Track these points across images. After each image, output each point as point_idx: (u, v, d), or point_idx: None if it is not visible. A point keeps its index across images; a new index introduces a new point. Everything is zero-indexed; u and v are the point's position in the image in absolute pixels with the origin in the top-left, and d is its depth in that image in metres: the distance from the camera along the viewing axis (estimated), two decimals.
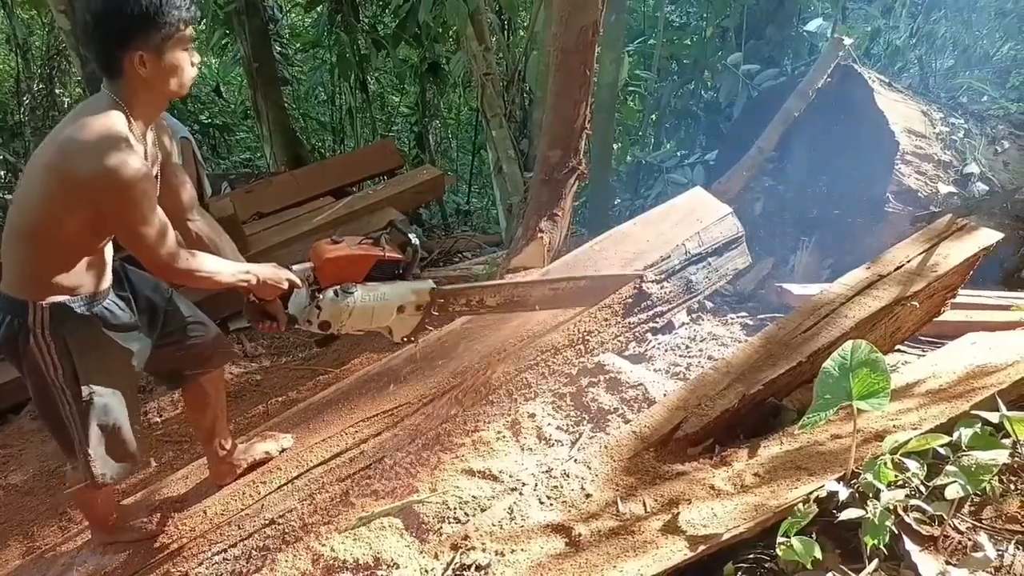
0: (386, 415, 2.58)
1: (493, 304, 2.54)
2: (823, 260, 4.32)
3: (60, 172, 1.75)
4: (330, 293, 2.14)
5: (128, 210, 1.76)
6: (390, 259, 2.24)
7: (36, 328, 1.86)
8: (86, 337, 1.93)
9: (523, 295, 2.59)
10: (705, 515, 1.75)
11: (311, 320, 2.15)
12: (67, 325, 1.88)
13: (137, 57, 1.74)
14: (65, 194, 1.76)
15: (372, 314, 2.23)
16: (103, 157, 1.70)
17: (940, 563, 1.57)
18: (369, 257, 2.21)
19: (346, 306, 2.16)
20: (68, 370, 1.91)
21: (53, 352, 1.89)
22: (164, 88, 1.83)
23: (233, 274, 1.99)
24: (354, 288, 2.17)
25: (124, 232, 1.84)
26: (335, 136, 9.20)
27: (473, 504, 2.18)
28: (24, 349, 1.88)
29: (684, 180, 5.62)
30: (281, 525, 2.28)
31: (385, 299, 2.24)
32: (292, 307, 2.15)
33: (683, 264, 3.06)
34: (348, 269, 2.18)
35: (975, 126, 4.73)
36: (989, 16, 7.43)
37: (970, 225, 2.55)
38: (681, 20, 7.52)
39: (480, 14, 5.43)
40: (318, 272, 2.17)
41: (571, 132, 3.62)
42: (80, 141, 1.72)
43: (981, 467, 1.63)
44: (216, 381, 2.37)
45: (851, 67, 4.58)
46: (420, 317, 2.36)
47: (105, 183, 1.71)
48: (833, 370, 1.72)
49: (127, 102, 1.79)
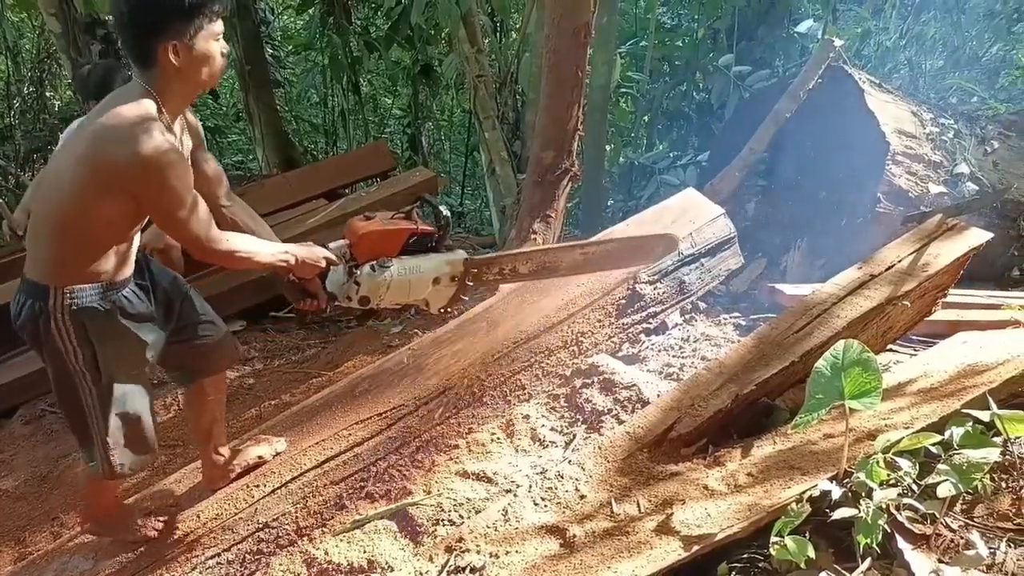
0: (380, 417, 2.58)
1: (525, 271, 2.55)
2: (815, 260, 4.34)
3: (94, 162, 1.76)
4: (367, 268, 2.18)
5: (165, 194, 1.77)
6: (423, 232, 2.28)
7: (56, 312, 1.86)
8: (104, 325, 1.93)
9: (554, 261, 2.59)
10: (699, 515, 1.75)
11: (350, 296, 2.19)
12: (86, 311, 1.89)
13: (171, 47, 1.76)
14: (99, 184, 1.77)
15: (409, 287, 2.27)
16: (138, 144, 1.71)
17: (932, 561, 1.58)
18: (403, 231, 2.24)
19: (383, 280, 2.19)
20: (88, 355, 1.91)
21: (73, 337, 1.89)
22: (196, 78, 1.85)
23: (272, 254, 2.01)
24: (390, 262, 2.21)
25: (162, 217, 1.86)
26: (328, 138, 9.20)
27: (468, 506, 2.18)
28: (45, 334, 1.89)
29: (677, 181, 5.64)
30: (275, 529, 2.27)
31: (421, 271, 2.28)
32: (330, 285, 2.18)
33: (676, 265, 3.07)
34: (383, 244, 2.22)
35: (965, 126, 4.76)
36: (978, 17, 7.48)
37: (960, 225, 2.56)
38: (673, 22, 7.56)
39: (472, 16, 5.43)
40: (354, 248, 2.20)
41: (564, 134, 3.63)
42: (113, 129, 1.74)
43: (972, 465, 1.64)
44: (218, 383, 2.37)
45: (841, 68, 4.61)
46: (455, 288, 2.39)
47: (141, 169, 1.73)
48: (825, 370, 1.73)
49: (159, 92, 1.81)
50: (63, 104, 8.55)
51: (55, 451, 3.24)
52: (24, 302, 1.89)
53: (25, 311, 1.89)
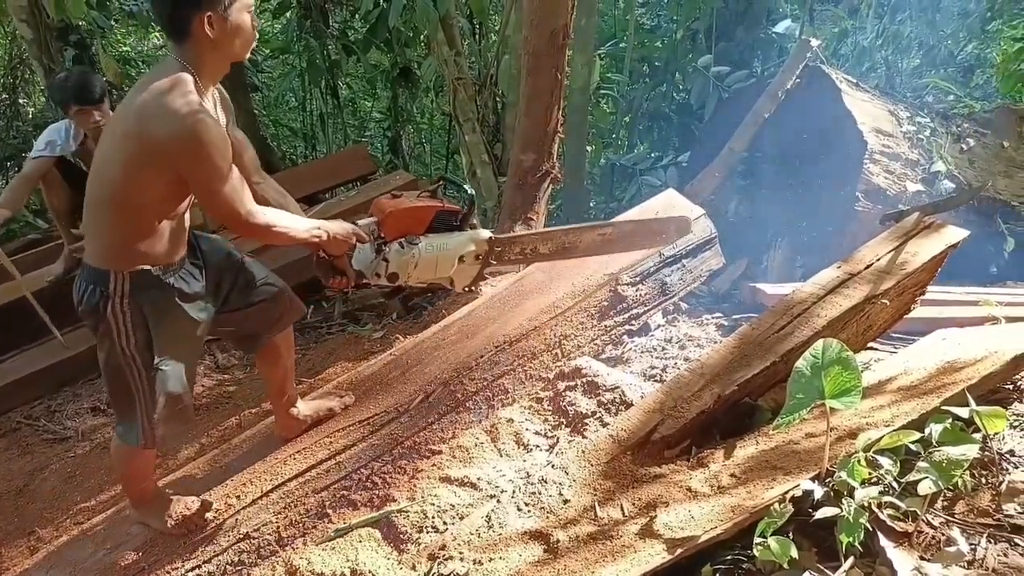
0: (362, 424, 2.55)
1: (546, 251, 2.60)
2: (796, 259, 4.36)
3: (139, 137, 1.79)
4: (396, 246, 2.21)
5: (206, 168, 1.80)
6: (449, 210, 2.31)
7: (115, 296, 1.91)
8: (162, 307, 1.98)
9: (574, 241, 2.64)
10: (682, 517, 1.75)
11: (379, 273, 2.22)
12: (146, 294, 1.94)
13: (206, 18, 1.80)
14: (144, 159, 1.81)
15: (436, 264, 2.31)
16: (179, 117, 1.75)
17: (914, 559, 1.59)
18: (430, 208, 2.28)
19: (412, 257, 2.23)
20: (141, 339, 1.96)
21: (128, 321, 1.94)
22: (229, 49, 1.89)
23: (307, 229, 2.03)
24: (418, 240, 2.25)
25: (202, 190, 1.87)
26: (307, 142, 9.13)
27: (451, 512, 2.17)
28: (102, 318, 1.93)
29: (658, 182, 5.65)
30: (256, 539, 2.24)
31: (447, 249, 2.32)
32: (356, 263, 2.20)
33: (657, 266, 3.08)
34: (411, 221, 2.26)
35: (941, 125, 4.81)
36: (952, 16, 7.57)
37: (937, 223, 2.58)
38: (652, 23, 7.57)
39: (450, 19, 5.42)
40: (382, 226, 2.23)
41: (543, 136, 3.63)
42: (155, 104, 1.77)
43: (952, 462, 1.65)
44: (288, 338, 2.44)
45: (819, 68, 4.64)
46: (479, 267, 2.43)
47: (183, 143, 1.76)
48: (805, 369, 1.73)
49: (194, 64, 1.84)
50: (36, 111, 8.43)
51: (31, 464, 3.18)
52: (86, 288, 1.94)
53: (87, 297, 1.93)
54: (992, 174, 4.72)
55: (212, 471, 2.53)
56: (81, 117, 3.53)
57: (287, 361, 2.46)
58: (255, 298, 2.26)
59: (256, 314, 2.29)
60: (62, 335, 3.70)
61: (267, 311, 2.30)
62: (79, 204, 3.73)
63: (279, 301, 2.33)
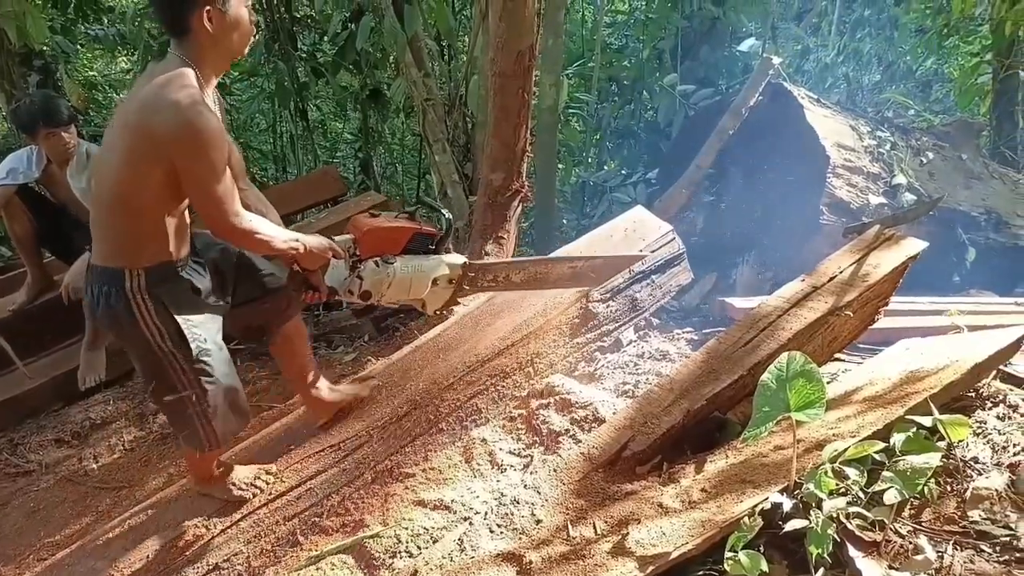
0: (333, 449, 2.53)
1: (517, 280, 2.64)
2: (764, 273, 4.42)
3: (138, 129, 1.81)
4: (371, 264, 2.23)
5: (202, 164, 1.80)
6: (426, 232, 2.34)
7: (134, 293, 1.90)
8: (182, 298, 1.98)
9: (545, 272, 2.70)
10: (654, 534, 1.75)
11: (352, 290, 2.23)
12: (163, 287, 1.94)
13: (205, 13, 1.83)
14: (145, 153, 1.82)
15: (410, 285, 2.32)
16: (182, 112, 1.76)
17: (883, 568, 1.60)
18: (407, 229, 2.31)
19: (387, 276, 2.25)
20: (173, 331, 1.95)
21: (154, 315, 1.93)
22: (229, 43, 1.92)
23: (286, 240, 2.03)
24: (393, 260, 2.26)
25: (195, 186, 1.86)
26: (277, 164, 9.08)
27: (425, 536, 2.15)
28: (128, 320, 1.92)
29: (628, 199, 5.72)
30: (226, 570, 2.20)
31: (421, 271, 2.33)
32: (330, 280, 2.21)
33: (627, 282, 3.09)
34: (388, 241, 2.28)
35: (901, 139, 4.93)
36: (910, 33, 7.77)
37: (898, 235, 2.63)
38: (619, 43, 7.69)
39: (418, 40, 5.44)
40: (359, 243, 2.24)
41: (512, 155, 3.64)
42: (155, 97, 1.78)
43: (916, 471, 1.67)
44: (298, 326, 2.45)
45: (781, 85, 4.74)
46: (452, 291, 2.45)
47: (183, 137, 1.77)
48: (771, 383, 1.75)
49: (195, 60, 1.87)
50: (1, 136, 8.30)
51: None
52: (100, 291, 1.92)
53: (102, 300, 1.92)
54: (951, 185, 4.84)
55: (179, 498, 2.48)
56: (51, 141, 3.47)
57: (302, 349, 2.49)
58: (260, 291, 2.27)
59: (263, 306, 2.30)
60: (25, 365, 3.62)
61: (274, 302, 2.31)
62: (44, 232, 3.72)
63: (283, 292, 2.33)
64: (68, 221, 3.69)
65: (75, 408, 3.53)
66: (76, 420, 3.45)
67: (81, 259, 3.31)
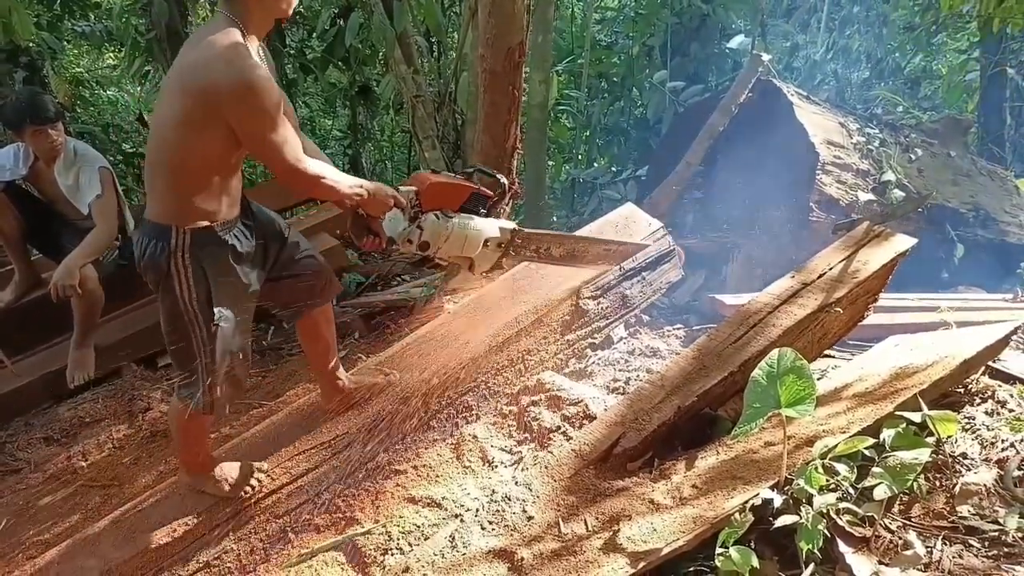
0: (324, 447, 2.52)
1: (556, 255, 2.72)
2: (754, 269, 4.44)
3: (194, 90, 1.84)
4: (432, 216, 2.27)
5: (259, 117, 1.84)
6: (483, 194, 2.40)
7: (177, 252, 1.97)
8: (221, 265, 2.03)
9: (583, 250, 2.80)
10: (645, 530, 1.75)
11: (411, 240, 2.28)
12: (205, 250, 1.99)
13: None
14: (199, 112, 1.85)
15: (465, 241, 2.37)
16: (234, 68, 1.80)
17: (873, 563, 1.61)
18: (468, 188, 2.37)
19: (446, 229, 2.29)
20: (203, 295, 2.01)
21: (190, 276, 1.99)
22: (275, 5, 1.96)
23: (351, 185, 2.07)
24: (452, 215, 2.32)
25: (255, 140, 1.89)
26: None
27: (416, 533, 2.15)
28: (165, 273, 1.98)
29: (618, 196, 5.72)
30: (216, 568, 2.19)
31: (477, 230, 2.39)
32: (387, 229, 2.25)
33: (618, 279, 3.10)
34: (448, 196, 2.33)
35: (890, 135, 4.95)
36: (899, 30, 7.80)
37: (887, 232, 2.64)
38: (608, 39, 7.69)
39: (408, 37, 5.43)
40: (421, 196, 2.27)
41: (502, 152, 3.63)
42: (209, 57, 1.82)
43: (905, 467, 1.68)
44: (327, 312, 2.50)
45: (771, 82, 4.75)
46: (500, 255, 2.50)
47: (239, 92, 1.80)
48: (761, 379, 1.75)
49: (242, 19, 1.90)
50: None
51: None
52: (147, 243, 1.98)
53: (148, 251, 1.98)
54: (940, 182, 4.87)
55: (169, 496, 2.47)
56: (37, 138, 3.43)
57: (327, 334, 2.53)
58: (298, 269, 2.32)
59: (297, 285, 2.34)
60: (13, 363, 3.59)
61: (309, 283, 2.36)
62: (31, 230, 3.68)
63: (320, 275, 2.39)
64: (55, 218, 3.66)
65: (64, 406, 3.50)
66: (65, 418, 3.42)
67: (69, 257, 3.28)
